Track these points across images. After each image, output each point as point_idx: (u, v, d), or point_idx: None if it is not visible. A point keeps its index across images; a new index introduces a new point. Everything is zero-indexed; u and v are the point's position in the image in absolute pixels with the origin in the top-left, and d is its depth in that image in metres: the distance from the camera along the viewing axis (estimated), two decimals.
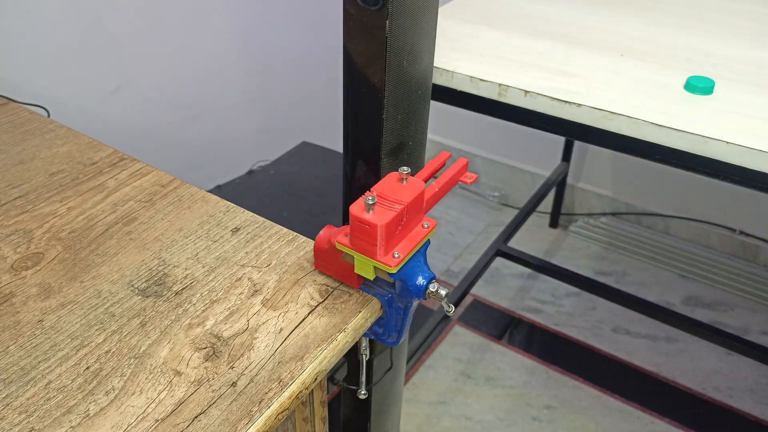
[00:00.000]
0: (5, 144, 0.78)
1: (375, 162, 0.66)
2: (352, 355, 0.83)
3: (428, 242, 0.55)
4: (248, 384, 0.49)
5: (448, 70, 0.91)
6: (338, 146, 0.87)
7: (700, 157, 0.80)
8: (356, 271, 0.54)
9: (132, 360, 0.51)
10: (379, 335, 0.60)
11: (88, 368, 0.50)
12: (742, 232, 1.85)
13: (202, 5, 1.40)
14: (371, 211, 0.49)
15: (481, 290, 1.77)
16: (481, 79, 0.90)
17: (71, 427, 0.45)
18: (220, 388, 0.48)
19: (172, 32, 1.35)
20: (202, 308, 0.55)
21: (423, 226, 0.54)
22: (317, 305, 0.56)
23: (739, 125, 0.79)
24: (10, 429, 0.45)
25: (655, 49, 0.99)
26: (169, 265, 0.60)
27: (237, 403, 0.47)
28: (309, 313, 0.55)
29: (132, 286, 0.58)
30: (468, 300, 1.74)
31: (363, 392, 0.70)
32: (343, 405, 0.91)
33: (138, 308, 0.55)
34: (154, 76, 1.35)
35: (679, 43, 1.01)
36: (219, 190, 1.45)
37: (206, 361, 0.50)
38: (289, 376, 0.49)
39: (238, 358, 0.51)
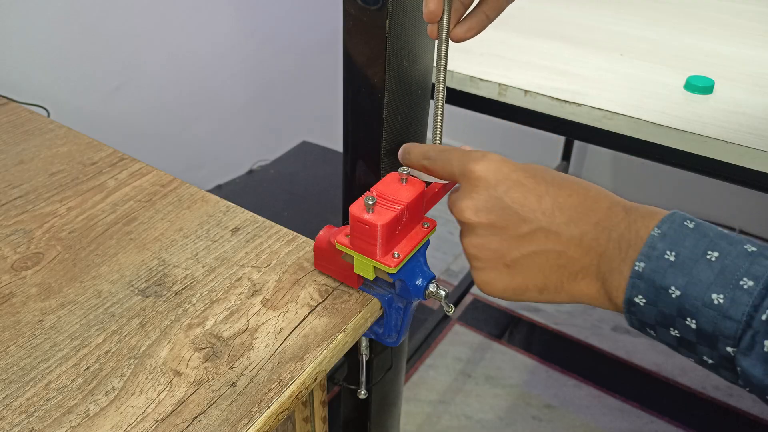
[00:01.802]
0: (5, 144, 0.78)
1: (375, 162, 0.66)
2: (352, 354, 0.83)
3: (428, 242, 0.55)
4: (248, 384, 0.49)
5: (448, 70, 0.91)
6: (338, 146, 0.87)
7: (699, 157, 0.80)
8: (356, 271, 0.54)
9: (132, 360, 0.51)
10: (379, 335, 0.60)
11: (88, 368, 0.50)
12: (742, 232, 1.85)
13: (203, 5, 1.40)
14: (371, 211, 0.49)
15: None
16: (480, 79, 0.90)
17: (71, 427, 0.46)
18: (219, 388, 0.48)
19: (172, 32, 1.35)
20: (202, 308, 0.55)
21: (423, 226, 0.54)
22: (317, 305, 0.56)
23: (738, 125, 0.79)
24: (10, 429, 0.45)
25: (655, 48, 0.99)
26: (168, 265, 0.60)
27: (237, 403, 0.47)
28: (309, 313, 0.55)
29: (132, 286, 0.58)
30: (468, 299, 1.74)
31: (363, 392, 0.70)
32: (343, 405, 0.91)
33: (138, 308, 0.55)
34: (154, 76, 1.35)
35: (678, 42, 1.01)
36: (219, 190, 1.45)
37: (206, 361, 0.51)
38: (289, 376, 0.49)
39: (238, 359, 0.51)
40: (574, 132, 0.87)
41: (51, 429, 0.45)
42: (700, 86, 0.86)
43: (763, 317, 0.34)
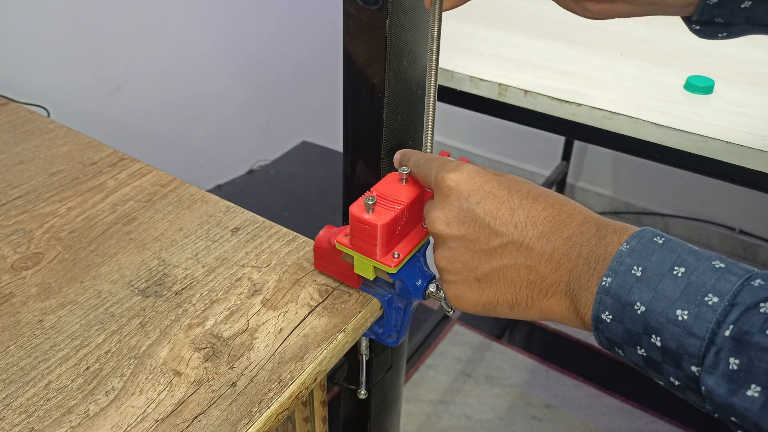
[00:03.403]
0: (5, 144, 0.78)
1: (375, 162, 0.66)
2: (352, 354, 0.83)
3: (428, 242, 0.55)
4: (248, 384, 0.49)
5: (447, 70, 0.91)
6: (338, 146, 0.87)
7: (699, 157, 0.80)
8: (356, 271, 0.54)
9: (132, 360, 0.51)
10: (379, 335, 0.60)
11: (88, 368, 0.50)
12: (741, 231, 1.85)
13: (202, 5, 1.40)
14: (371, 211, 0.49)
15: None
16: (480, 79, 0.90)
17: (71, 427, 0.46)
18: (219, 388, 0.48)
19: (172, 32, 1.35)
20: (202, 308, 0.55)
21: (423, 226, 0.54)
22: (317, 305, 0.56)
23: (738, 125, 0.79)
24: (10, 429, 0.45)
25: (655, 48, 0.99)
26: (168, 265, 0.60)
27: (237, 403, 0.47)
28: (309, 313, 0.55)
29: (132, 286, 0.58)
30: None
31: (363, 392, 0.70)
32: (343, 405, 0.91)
33: (138, 308, 0.55)
34: (154, 76, 1.35)
35: (678, 42, 1.01)
36: (219, 190, 1.45)
37: (206, 361, 0.51)
38: (288, 376, 0.49)
39: (238, 359, 0.51)
40: (574, 132, 0.87)
41: (51, 429, 0.45)
42: (700, 86, 0.86)
43: (726, 333, 0.33)
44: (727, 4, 0.43)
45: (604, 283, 0.37)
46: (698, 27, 0.50)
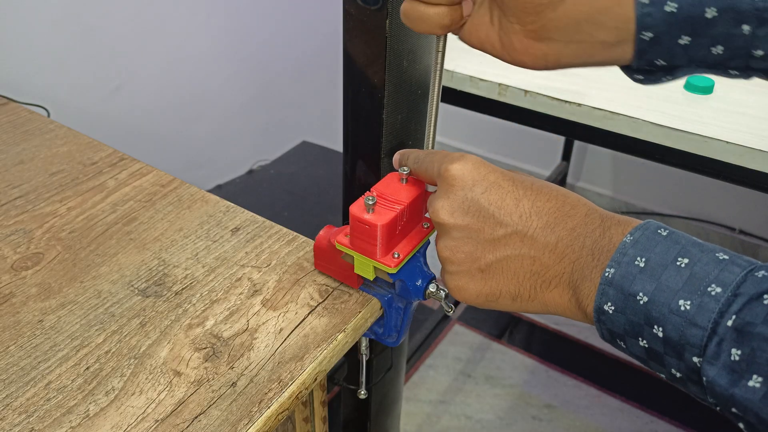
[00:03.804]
0: (5, 144, 0.78)
1: (375, 162, 0.66)
2: (352, 354, 0.83)
3: (428, 242, 0.55)
4: (248, 384, 0.49)
5: (448, 70, 0.91)
6: (338, 146, 0.87)
7: (699, 157, 0.80)
8: (356, 271, 0.54)
9: (132, 360, 0.51)
10: (379, 335, 0.60)
11: (88, 368, 0.50)
12: (741, 231, 1.85)
13: (202, 5, 1.40)
14: (371, 211, 0.49)
15: None
16: (480, 79, 0.90)
17: (71, 427, 0.46)
18: (219, 388, 0.48)
19: (172, 32, 1.35)
20: (202, 308, 0.55)
21: (423, 226, 0.54)
22: (317, 305, 0.56)
23: (738, 125, 0.80)
24: (10, 429, 0.45)
25: None
26: (168, 265, 0.60)
27: (237, 403, 0.47)
28: (309, 314, 0.55)
29: (132, 286, 0.58)
30: None
31: (363, 392, 0.70)
32: (343, 405, 0.91)
33: (138, 308, 0.55)
34: (154, 76, 1.35)
35: None
36: (219, 190, 1.45)
37: (206, 361, 0.51)
38: (288, 376, 0.49)
39: (238, 359, 0.51)
40: (574, 132, 0.88)
41: (51, 429, 0.45)
42: (700, 86, 0.86)
43: (729, 324, 0.32)
44: (664, 40, 0.40)
45: (607, 274, 0.37)
46: (641, 76, 0.46)
